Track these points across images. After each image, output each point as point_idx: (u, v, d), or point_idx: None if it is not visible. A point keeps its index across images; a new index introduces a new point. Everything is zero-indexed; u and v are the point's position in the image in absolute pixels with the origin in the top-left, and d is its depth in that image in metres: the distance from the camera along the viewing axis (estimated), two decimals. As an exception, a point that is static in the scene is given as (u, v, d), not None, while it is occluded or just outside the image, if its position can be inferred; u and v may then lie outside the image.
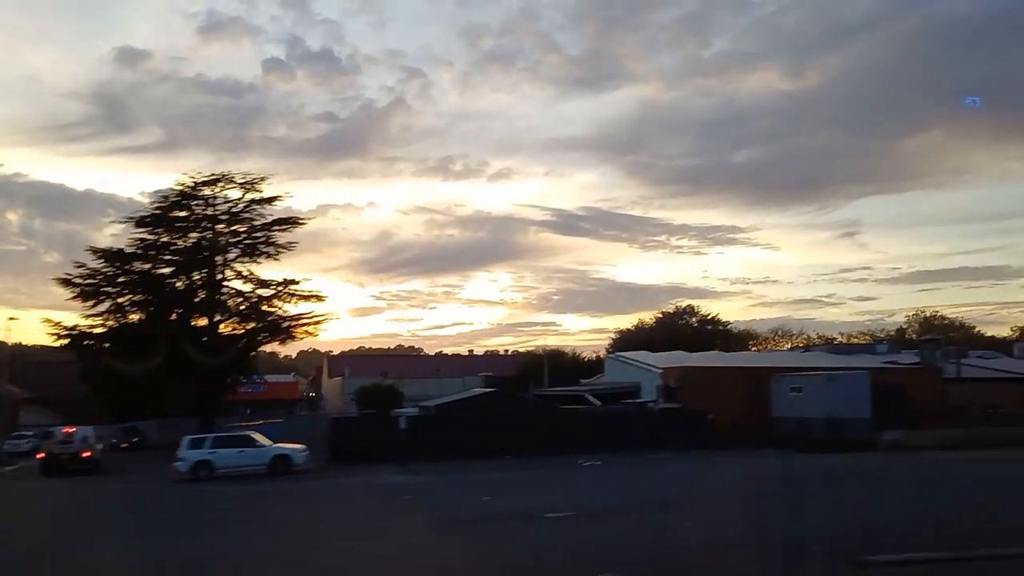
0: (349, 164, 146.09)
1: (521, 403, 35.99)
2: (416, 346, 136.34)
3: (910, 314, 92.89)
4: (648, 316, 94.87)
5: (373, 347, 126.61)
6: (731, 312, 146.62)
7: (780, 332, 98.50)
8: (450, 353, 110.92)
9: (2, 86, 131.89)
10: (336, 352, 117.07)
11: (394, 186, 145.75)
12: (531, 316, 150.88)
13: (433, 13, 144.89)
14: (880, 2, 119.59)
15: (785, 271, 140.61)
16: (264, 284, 48.66)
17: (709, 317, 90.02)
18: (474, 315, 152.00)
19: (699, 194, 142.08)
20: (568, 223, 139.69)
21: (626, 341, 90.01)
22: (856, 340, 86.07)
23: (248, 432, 30.54)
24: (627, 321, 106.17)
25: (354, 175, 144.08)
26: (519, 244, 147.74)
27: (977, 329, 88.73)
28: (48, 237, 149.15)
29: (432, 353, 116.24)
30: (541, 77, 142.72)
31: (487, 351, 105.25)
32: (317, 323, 48.40)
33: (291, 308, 48.77)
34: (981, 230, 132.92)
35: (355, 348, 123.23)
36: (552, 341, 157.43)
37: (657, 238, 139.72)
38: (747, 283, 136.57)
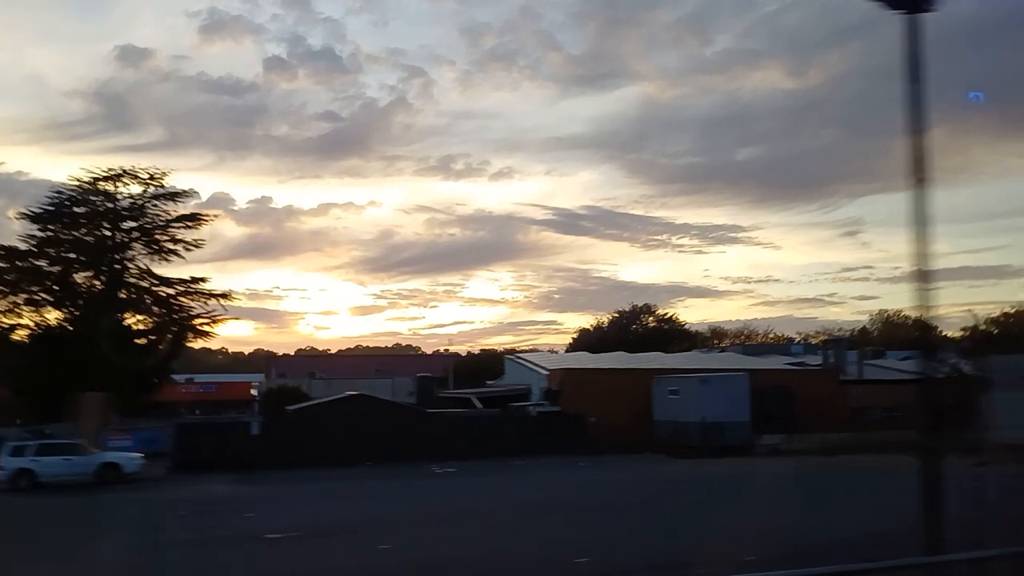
0: (350, 163, 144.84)
1: (389, 408, 34.44)
2: (415, 345, 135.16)
3: (874, 313, 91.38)
4: (606, 316, 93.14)
5: (372, 345, 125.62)
6: (733, 311, 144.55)
7: (746, 331, 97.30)
8: (450, 352, 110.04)
9: (4, 84, 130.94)
10: (334, 350, 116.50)
11: (395, 185, 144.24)
12: (532, 315, 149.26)
13: (435, 12, 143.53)
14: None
15: (787, 270, 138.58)
16: (167, 282, 47.25)
17: (666, 317, 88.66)
18: (475, 314, 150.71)
19: (701, 193, 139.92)
20: (569, 222, 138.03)
21: (583, 342, 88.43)
22: (822, 339, 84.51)
23: (76, 440, 28.86)
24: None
25: (355, 174, 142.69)
26: (520, 243, 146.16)
27: (940, 330, 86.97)
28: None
29: (431, 352, 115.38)
30: (543, 76, 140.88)
31: (483, 349, 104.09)
32: (215, 322, 46.92)
33: (198, 307, 47.47)
34: (983, 229, 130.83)
35: (353, 346, 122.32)
36: (552, 340, 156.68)
37: (659, 237, 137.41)
38: (749, 282, 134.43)
